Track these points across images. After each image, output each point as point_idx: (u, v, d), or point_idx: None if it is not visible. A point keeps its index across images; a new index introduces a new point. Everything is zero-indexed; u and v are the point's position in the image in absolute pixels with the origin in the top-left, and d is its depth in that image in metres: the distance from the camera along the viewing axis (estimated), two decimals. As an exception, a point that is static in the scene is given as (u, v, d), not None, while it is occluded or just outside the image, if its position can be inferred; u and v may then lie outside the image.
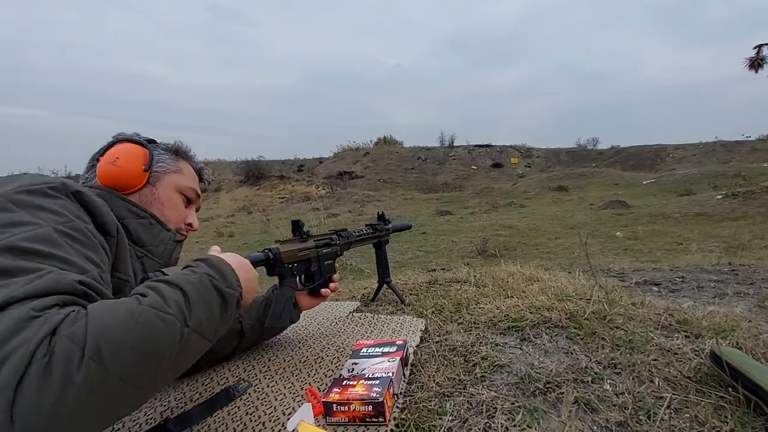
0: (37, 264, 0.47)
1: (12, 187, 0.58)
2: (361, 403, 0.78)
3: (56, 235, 0.53)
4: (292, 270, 1.01)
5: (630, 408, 0.87)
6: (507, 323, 1.25)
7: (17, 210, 0.54)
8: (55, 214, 0.57)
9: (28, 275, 0.45)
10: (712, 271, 2.74)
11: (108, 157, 0.85)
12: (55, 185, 0.62)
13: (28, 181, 0.60)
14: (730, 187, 10.30)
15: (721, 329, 1.21)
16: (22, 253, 0.47)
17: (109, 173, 0.84)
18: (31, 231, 0.50)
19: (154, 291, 0.50)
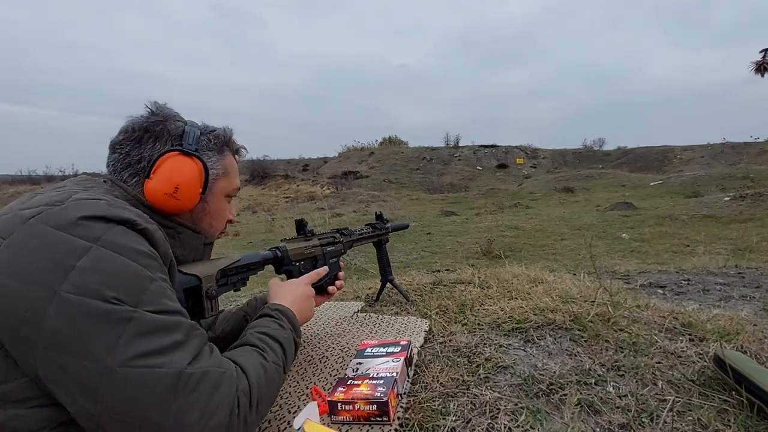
0: (179, 318, 0.59)
1: (80, 214, 0.56)
2: (365, 403, 0.79)
3: (167, 286, 0.61)
4: (299, 267, 1.04)
5: (633, 410, 0.87)
6: (511, 325, 1.26)
7: (122, 257, 0.56)
8: (151, 258, 0.60)
9: (186, 330, 0.59)
10: (719, 274, 2.72)
11: (165, 183, 0.75)
12: (131, 222, 0.60)
13: (93, 210, 0.58)
14: (738, 189, 10.19)
15: (726, 333, 1.21)
16: (172, 313, 0.59)
17: (167, 204, 0.76)
18: (157, 288, 0.58)
19: (269, 347, 0.73)
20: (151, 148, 0.77)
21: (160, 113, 0.81)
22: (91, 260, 0.54)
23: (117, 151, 0.77)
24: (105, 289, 0.53)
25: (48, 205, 0.58)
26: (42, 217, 0.56)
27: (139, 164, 0.76)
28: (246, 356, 0.66)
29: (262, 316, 0.83)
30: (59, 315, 0.51)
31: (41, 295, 0.51)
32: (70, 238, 0.54)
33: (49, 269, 0.53)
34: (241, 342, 0.74)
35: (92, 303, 0.52)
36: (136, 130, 0.77)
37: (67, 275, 0.52)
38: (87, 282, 0.53)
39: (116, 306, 0.53)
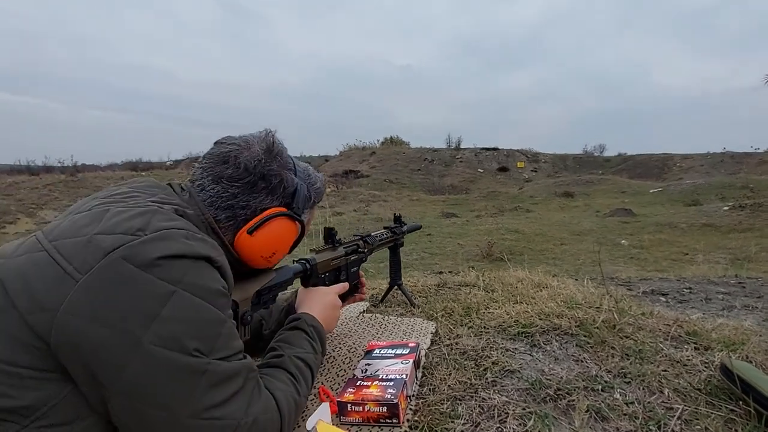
0: (241, 363, 0.61)
1: (163, 252, 0.55)
2: (375, 404, 0.79)
3: (233, 324, 0.62)
4: (324, 279, 1.01)
5: (640, 418, 0.88)
6: (517, 329, 1.26)
7: (203, 303, 0.56)
8: (224, 296, 0.61)
9: (245, 375, 0.61)
10: (720, 283, 2.73)
11: (265, 247, 0.75)
12: (210, 259, 0.59)
13: (176, 248, 0.56)
14: (737, 198, 10.22)
15: (731, 342, 1.21)
16: (236, 355, 0.61)
17: (256, 263, 0.77)
18: (227, 330, 0.60)
19: (302, 378, 0.74)
20: (261, 200, 0.74)
21: (279, 157, 0.77)
22: (173, 308, 0.54)
23: (222, 185, 0.72)
24: (185, 339, 0.54)
25: (128, 233, 0.56)
26: (124, 253, 0.54)
27: (242, 211, 0.73)
28: (282, 389, 0.67)
29: (297, 329, 0.82)
30: (142, 366, 0.52)
31: (124, 343, 0.51)
32: (153, 282, 0.53)
33: (133, 317, 0.52)
34: (279, 362, 0.73)
35: (173, 356, 0.53)
36: (252, 173, 0.73)
37: (151, 323, 0.52)
38: (169, 332, 0.53)
39: (194, 358, 0.54)
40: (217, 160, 0.73)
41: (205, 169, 0.73)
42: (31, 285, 0.52)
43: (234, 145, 0.74)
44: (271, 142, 0.77)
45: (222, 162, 0.72)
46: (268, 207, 0.75)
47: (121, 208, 0.61)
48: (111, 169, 22.38)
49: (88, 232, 0.56)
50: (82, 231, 0.56)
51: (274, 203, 0.76)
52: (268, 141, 0.77)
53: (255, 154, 0.73)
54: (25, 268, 0.54)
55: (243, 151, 0.73)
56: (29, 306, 0.51)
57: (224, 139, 0.76)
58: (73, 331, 0.51)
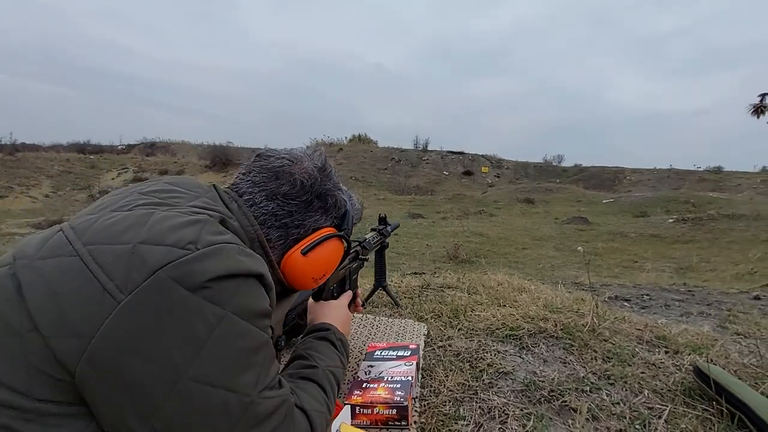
0: (282, 395, 0.57)
1: (215, 273, 0.49)
2: (385, 407, 0.79)
3: (271, 343, 0.59)
4: (332, 291, 0.96)
5: (627, 417, 0.93)
6: (505, 331, 1.30)
7: (251, 328, 0.53)
8: (269, 317, 0.57)
9: (285, 409, 0.57)
10: (672, 291, 2.94)
11: (318, 269, 0.72)
12: (261, 276, 0.55)
13: (227, 267, 0.51)
14: (680, 212, 11.05)
15: (697, 347, 1.31)
16: (276, 385, 0.57)
17: (305, 285, 0.73)
18: (269, 354, 0.57)
19: (332, 391, 0.70)
20: (316, 220, 0.71)
21: (332, 176, 0.74)
22: (221, 336, 0.49)
23: (278, 202, 0.67)
24: (230, 372, 0.50)
25: (178, 246, 0.50)
26: (175, 273, 0.48)
27: (296, 229, 0.69)
28: (317, 409, 0.64)
29: (327, 341, 0.78)
30: (179, 406, 0.47)
31: (164, 380, 0.46)
32: (203, 306, 0.48)
33: (178, 349, 0.47)
34: (313, 374, 0.70)
35: (214, 394, 0.48)
36: (308, 192, 0.69)
37: (197, 356, 0.48)
38: (214, 366, 0.49)
39: (236, 395, 0.50)
40: (269, 176, 0.68)
41: (255, 184, 0.68)
42: (61, 302, 0.46)
43: (284, 160, 0.70)
44: (324, 160, 0.74)
45: (275, 177, 0.68)
46: (322, 227, 0.72)
47: (168, 213, 0.55)
48: (55, 150, 20.78)
49: (130, 239, 0.50)
50: (123, 237, 0.50)
51: (326, 223, 0.73)
52: (321, 159, 0.74)
53: (309, 171, 0.70)
54: (52, 276, 0.47)
55: (295, 167, 0.69)
56: (56, 328, 0.45)
57: (269, 152, 0.72)
58: (108, 362, 0.45)
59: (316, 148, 0.75)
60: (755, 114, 3.47)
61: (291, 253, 0.69)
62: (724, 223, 9.29)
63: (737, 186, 17.06)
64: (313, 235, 0.71)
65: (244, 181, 0.69)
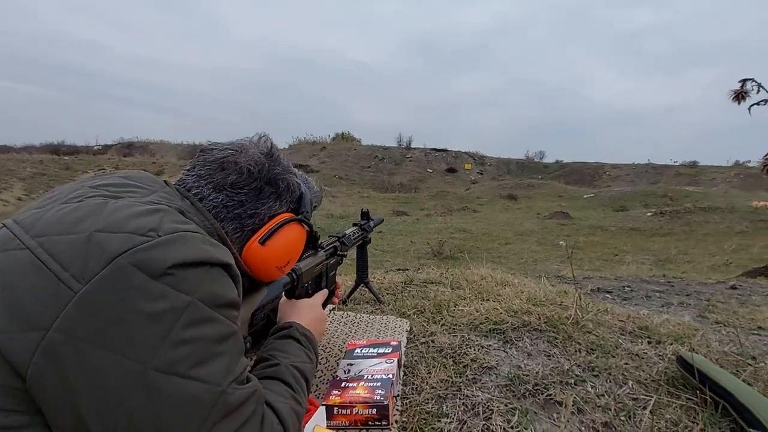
0: (253, 386, 0.53)
1: (179, 259, 0.47)
2: (364, 406, 0.76)
3: (240, 335, 0.55)
4: (307, 289, 0.92)
5: (612, 409, 0.92)
6: (488, 326, 1.28)
7: (219, 318, 0.49)
8: (237, 308, 0.54)
9: (256, 398, 0.53)
10: (652, 282, 2.99)
11: (280, 256, 0.68)
12: (228, 266, 0.53)
13: (192, 254, 0.48)
14: (659, 206, 11.34)
15: (679, 336, 1.31)
16: (245, 372, 0.54)
17: (268, 275, 0.70)
18: (238, 345, 0.53)
19: (301, 389, 0.65)
20: (270, 206, 0.68)
21: (280, 160, 0.71)
22: (188, 323, 0.46)
23: (226, 193, 0.64)
24: (199, 362, 0.47)
25: (138, 233, 0.47)
26: (135, 258, 0.45)
27: (250, 220, 0.66)
28: (283, 402, 0.60)
29: (289, 338, 0.74)
30: (144, 401, 0.43)
31: (127, 373, 0.42)
32: (168, 293, 0.45)
33: (142, 338, 0.43)
34: (275, 372, 0.65)
35: (183, 385, 0.45)
36: (257, 178, 0.66)
37: (161, 345, 0.44)
38: (181, 355, 0.45)
39: (207, 385, 0.47)
40: (214, 167, 0.65)
41: (201, 177, 0.65)
42: (10, 298, 0.42)
43: (228, 150, 0.66)
44: (270, 145, 0.71)
45: (220, 168, 0.65)
46: (277, 213, 0.69)
47: (125, 202, 0.52)
48: (27, 151, 20.09)
49: (86, 228, 0.47)
50: (78, 226, 0.47)
51: (282, 209, 0.70)
52: (266, 144, 0.71)
53: (256, 158, 0.67)
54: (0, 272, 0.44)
55: (240, 155, 0.66)
56: (5, 326, 0.41)
57: (213, 146, 0.68)
58: (65, 356, 0.41)
59: (262, 135, 0.72)
60: (736, 100, 3.53)
61: (249, 244, 0.66)
62: (700, 215, 9.56)
63: (712, 180, 17.61)
64: (269, 223, 0.68)
65: (189, 177, 0.66)
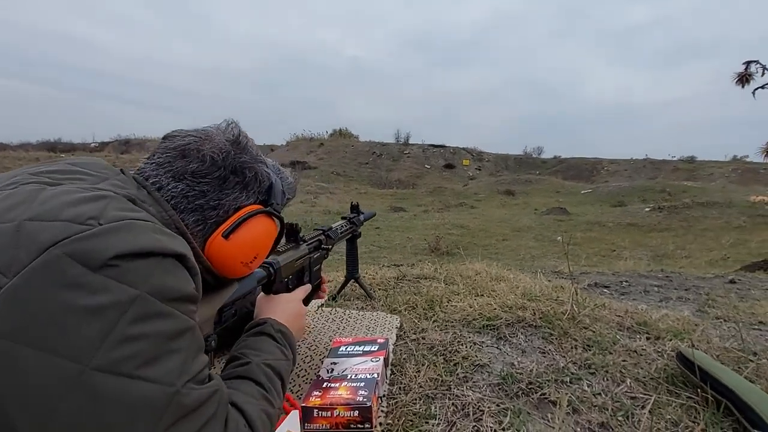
0: (215, 385, 0.49)
1: (122, 249, 0.42)
2: (346, 408, 0.71)
3: (201, 334, 0.51)
4: (287, 284, 0.87)
5: (609, 409, 0.87)
6: (482, 322, 1.24)
7: (171, 312, 0.45)
8: (194, 302, 0.49)
9: (218, 397, 0.49)
10: (650, 277, 2.95)
11: (245, 251, 0.63)
12: (182, 257, 0.48)
13: (139, 243, 0.44)
14: (657, 201, 11.31)
15: (678, 332, 1.27)
16: (205, 369, 0.49)
17: (234, 272, 0.64)
18: (196, 342, 0.49)
19: (274, 388, 0.61)
20: (235, 198, 0.62)
21: (248, 149, 0.65)
22: (134, 318, 0.41)
23: (187, 182, 0.59)
24: (148, 360, 0.42)
25: (75, 222, 0.42)
26: (71, 248, 0.40)
27: (212, 212, 0.60)
28: (252, 403, 0.55)
29: (263, 335, 0.69)
30: (85, 404, 0.38)
31: (62, 373, 0.38)
32: (109, 286, 0.41)
33: (78, 335, 0.39)
34: (245, 371, 0.61)
35: (130, 386, 0.40)
36: (221, 167, 0.61)
37: (102, 342, 0.39)
38: (127, 353, 0.40)
39: (159, 386, 0.42)
40: (174, 155, 0.60)
41: (160, 165, 0.60)
42: None
43: (192, 137, 0.62)
44: (238, 132, 0.66)
45: (181, 156, 0.60)
46: (243, 205, 0.64)
47: (63, 188, 0.48)
48: (24, 148, 19.91)
49: (15, 216, 0.42)
50: (7, 215, 0.43)
51: (249, 200, 0.65)
52: (233, 131, 0.65)
53: (220, 145, 0.62)
54: None
55: (204, 143, 0.61)
56: None
57: (176, 132, 0.64)
58: None
59: (230, 122, 0.67)
60: (740, 83, 3.43)
61: (212, 238, 0.61)
62: (698, 211, 9.53)
63: (710, 175, 17.60)
64: (234, 215, 0.62)
65: (148, 165, 0.60)
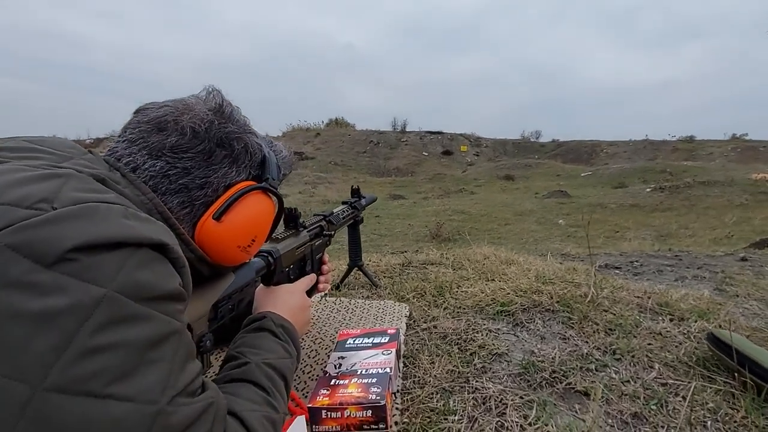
0: (206, 399, 0.41)
1: (81, 240, 0.34)
2: (357, 408, 0.64)
3: (189, 336, 0.44)
4: (288, 274, 0.80)
5: (641, 397, 0.81)
6: (495, 307, 1.17)
7: (148, 312, 0.37)
8: (179, 300, 0.41)
9: (211, 415, 0.41)
10: (659, 256, 2.88)
11: (242, 234, 0.56)
12: (163, 246, 0.40)
13: (104, 230, 0.36)
14: (658, 181, 11.20)
15: (703, 312, 1.20)
16: (195, 381, 0.41)
17: (230, 258, 0.57)
18: (183, 348, 0.40)
19: (276, 390, 0.53)
20: (224, 174, 0.54)
21: (234, 118, 0.57)
22: (101, 324, 0.33)
23: (166, 159, 0.50)
24: (120, 375, 0.34)
25: (21, 205, 0.35)
26: (14, 239, 0.33)
27: (200, 191, 0.52)
28: (253, 409, 0.48)
29: (262, 330, 0.61)
30: (33, 428, 0.31)
31: (8, 392, 0.31)
32: (66, 285, 0.33)
33: (28, 348, 0.31)
34: (244, 373, 0.53)
35: (97, 407, 0.32)
36: (204, 139, 0.52)
37: (60, 356, 0.32)
38: (92, 368, 0.33)
39: (135, 405, 0.34)
40: (149, 129, 0.51)
41: (133, 142, 0.51)
42: None
43: (168, 108, 0.53)
44: (221, 100, 0.57)
45: (157, 129, 0.51)
46: (235, 182, 0.55)
47: (7, 167, 0.40)
48: (17, 147, 19.71)
49: None
50: None
51: (240, 176, 0.56)
52: (215, 100, 0.57)
53: (201, 115, 0.53)
54: None
55: (183, 114, 0.53)
56: None
57: (149, 105, 0.55)
58: None
59: (211, 90, 0.57)
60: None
61: (202, 221, 0.52)
62: (699, 190, 9.45)
63: (709, 154, 17.47)
64: (225, 194, 0.54)
65: (119, 143, 0.51)
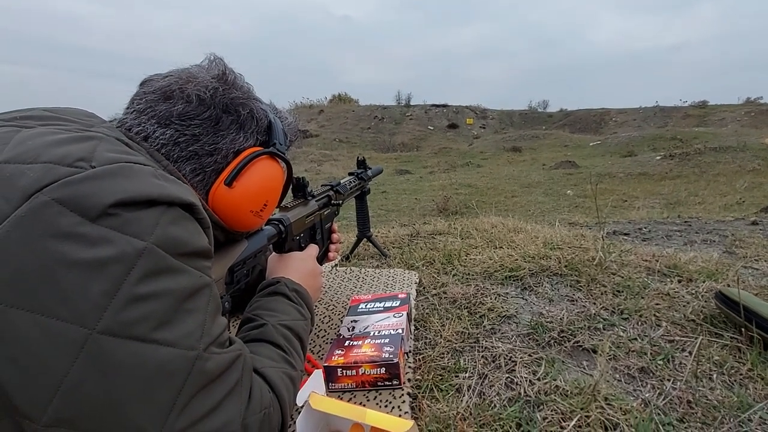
0: (236, 350, 0.45)
1: (120, 195, 0.36)
2: (371, 366, 0.67)
3: (216, 289, 0.45)
4: (299, 242, 0.82)
5: (648, 353, 0.83)
6: (504, 273, 1.18)
7: (182, 266, 0.39)
8: (208, 257, 0.44)
9: (240, 363, 0.44)
10: (668, 223, 2.86)
11: (254, 198, 0.57)
12: (191, 206, 0.42)
13: (139, 188, 0.37)
14: (667, 149, 11.01)
15: (711, 273, 1.21)
16: (224, 332, 0.44)
17: (244, 224, 0.58)
18: (214, 302, 0.43)
19: (294, 350, 0.56)
20: (232, 140, 0.55)
21: (238, 84, 0.57)
22: (143, 274, 0.35)
23: (175, 127, 0.51)
24: (163, 321, 0.36)
25: (62, 163, 0.36)
26: (61, 193, 0.34)
27: (209, 158, 0.53)
28: (273, 366, 0.51)
29: (277, 294, 0.63)
30: (93, 373, 0.33)
31: (65, 339, 0.32)
32: (110, 238, 0.35)
33: (79, 294, 0.33)
34: (261, 333, 0.55)
35: (144, 350, 0.35)
36: (210, 105, 0.53)
37: (109, 302, 0.34)
38: (138, 314, 0.35)
39: (176, 350, 0.37)
40: (155, 98, 0.52)
41: (141, 112, 0.52)
42: None
43: (172, 78, 0.54)
44: (224, 68, 0.57)
45: (164, 98, 0.52)
46: (243, 147, 0.56)
47: (42, 129, 0.42)
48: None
49: None
50: None
51: (248, 142, 0.57)
52: (218, 67, 0.57)
53: (205, 83, 0.54)
54: None
55: (187, 82, 0.53)
56: None
57: (154, 76, 0.55)
58: None
59: (213, 59, 0.58)
60: None
61: (214, 188, 0.54)
62: (710, 156, 9.28)
63: (722, 120, 17.04)
64: (235, 160, 0.55)
65: (128, 114, 0.52)
